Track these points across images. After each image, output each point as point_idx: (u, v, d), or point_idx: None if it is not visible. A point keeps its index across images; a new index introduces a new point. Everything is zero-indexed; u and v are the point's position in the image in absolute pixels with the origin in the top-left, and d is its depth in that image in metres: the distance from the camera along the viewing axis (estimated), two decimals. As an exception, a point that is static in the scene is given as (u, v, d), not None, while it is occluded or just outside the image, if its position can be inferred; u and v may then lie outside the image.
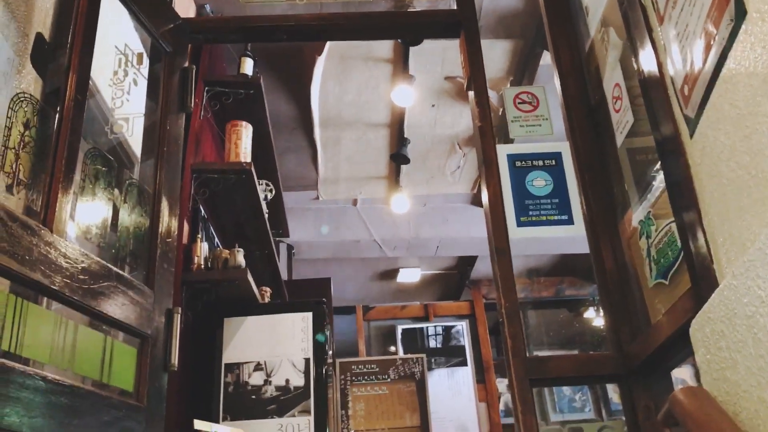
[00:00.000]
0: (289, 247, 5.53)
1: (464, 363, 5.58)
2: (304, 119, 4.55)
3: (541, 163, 1.67)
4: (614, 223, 1.47)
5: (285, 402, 2.69)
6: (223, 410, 2.67)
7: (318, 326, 2.84)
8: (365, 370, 4.65)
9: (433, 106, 4.45)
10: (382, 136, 4.80)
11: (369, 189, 5.46)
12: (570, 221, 1.52)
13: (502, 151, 1.74)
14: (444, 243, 5.71)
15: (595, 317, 8.13)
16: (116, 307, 1.50)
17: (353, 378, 4.63)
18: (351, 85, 4.29)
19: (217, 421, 2.63)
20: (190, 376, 2.66)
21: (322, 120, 4.52)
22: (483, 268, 7.19)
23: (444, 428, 4.89)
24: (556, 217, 1.51)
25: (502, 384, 5.85)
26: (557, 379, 1.38)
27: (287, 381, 2.73)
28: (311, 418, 2.66)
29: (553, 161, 1.68)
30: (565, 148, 1.69)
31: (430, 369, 5.40)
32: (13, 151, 1.48)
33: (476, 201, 5.71)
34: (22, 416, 1.23)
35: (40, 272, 1.30)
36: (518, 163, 1.67)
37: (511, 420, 7.69)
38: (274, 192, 3.60)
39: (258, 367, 2.76)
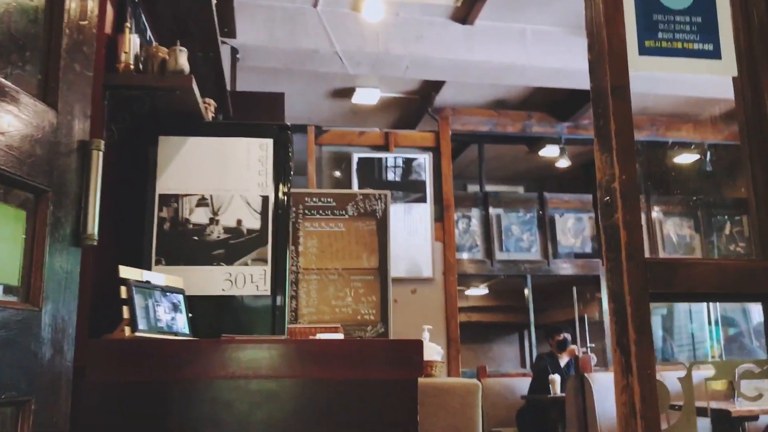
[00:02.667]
0: (233, 51, 4.83)
1: (423, 199, 5.28)
2: None
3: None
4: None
5: (235, 247, 2.27)
6: (157, 252, 2.23)
7: (281, 158, 2.35)
8: (320, 203, 4.26)
9: None
10: None
11: (334, -12, 4.71)
12: (715, 53, 1.04)
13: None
14: (414, 62, 5.12)
15: (558, 158, 7.94)
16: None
17: (306, 211, 4.24)
18: None
19: (148, 267, 2.20)
20: (115, 211, 2.16)
21: None
22: (450, 95, 6.70)
23: (396, 267, 4.67)
24: (696, 46, 1.02)
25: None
26: (693, 295, 1.01)
27: (239, 222, 2.29)
28: (267, 268, 2.26)
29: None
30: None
31: (385, 203, 5.07)
32: None
33: (459, 16, 5.06)
34: None
35: None
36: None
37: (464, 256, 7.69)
38: (224, -24, 2.89)
39: (202, 201, 2.29)
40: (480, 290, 9.66)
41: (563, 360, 5.94)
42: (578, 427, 4.35)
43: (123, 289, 1.96)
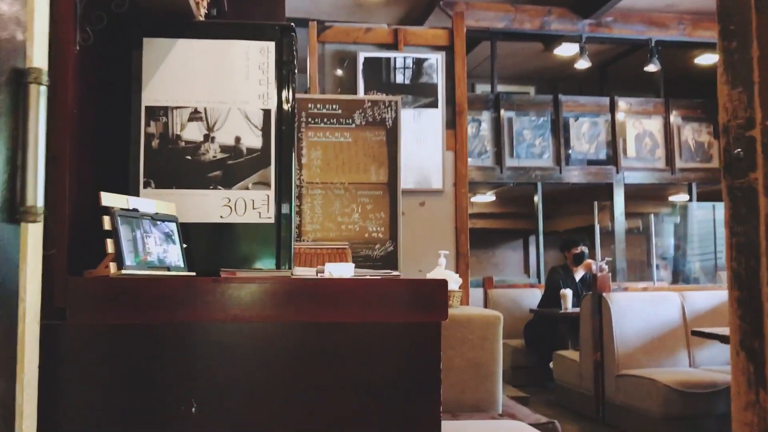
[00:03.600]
0: (226, -65, 4.37)
1: (434, 104, 4.97)
2: None
3: None
4: None
5: (233, 168, 2.03)
6: (145, 174, 2.00)
7: (284, 65, 2.07)
8: (325, 111, 3.96)
9: None
10: None
11: None
12: None
13: None
14: (427, -50, 4.67)
15: (577, 58, 7.51)
16: None
17: (309, 119, 3.96)
18: None
19: (135, 191, 1.97)
20: (95, 127, 1.91)
21: None
22: (464, -13, 6.22)
23: (404, 178, 4.44)
24: None
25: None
26: None
27: (237, 139, 2.04)
28: (271, 192, 2.03)
29: None
30: None
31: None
32: None
33: None
34: None
35: None
36: None
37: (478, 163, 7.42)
38: None
39: (195, 115, 2.03)
40: (486, 197, 9.49)
41: (578, 274, 5.84)
42: (593, 347, 4.27)
43: (106, 219, 1.73)
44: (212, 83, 2.04)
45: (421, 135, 4.87)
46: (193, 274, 1.91)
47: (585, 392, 4.43)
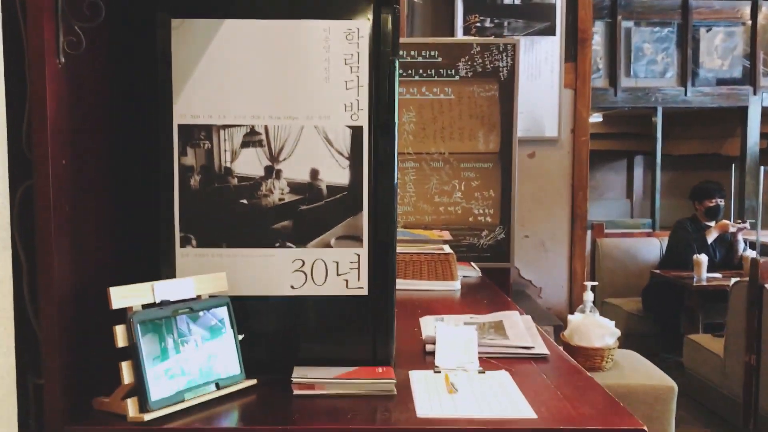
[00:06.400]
0: None
1: (551, 31, 4.15)
2: None
3: None
4: None
5: (309, 216, 1.44)
6: (182, 227, 1.43)
7: (382, 55, 1.42)
8: (420, 59, 3.24)
9: None
10: None
11: None
12: None
13: None
14: None
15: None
16: None
17: (400, 70, 3.25)
18: None
19: (169, 253, 1.41)
20: (99, 164, 1.35)
21: None
22: None
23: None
24: None
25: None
26: None
27: (314, 174, 1.43)
28: (364, 251, 1.44)
29: None
30: None
31: (502, 36, 3.99)
32: None
33: None
34: None
35: None
36: None
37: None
38: None
39: (252, 138, 1.43)
40: (593, 118, 8.57)
41: (711, 236, 5.03)
42: (745, 347, 3.59)
43: (119, 332, 1.19)
44: (275, 88, 1.41)
45: (534, 69, 4.09)
46: (254, 382, 1.37)
47: (729, 395, 3.79)
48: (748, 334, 3.53)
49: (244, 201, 1.43)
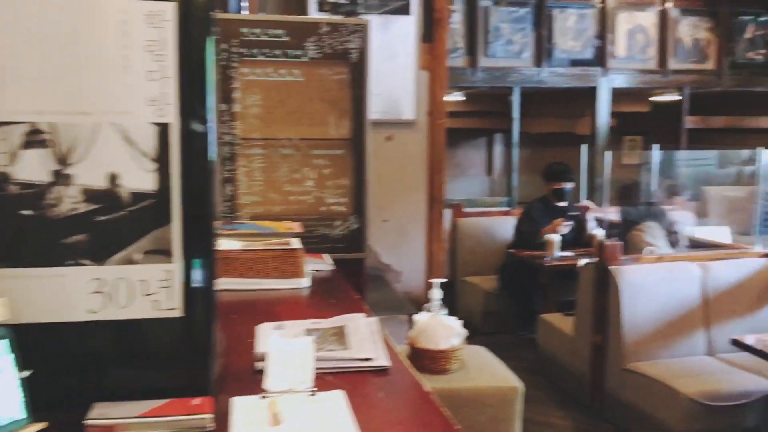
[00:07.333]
0: None
1: (406, 10, 4.06)
2: None
3: None
4: None
5: (109, 228, 1.25)
6: (-51, 244, 1.19)
7: (194, 40, 1.24)
8: (265, 37, 3.03)
9: None
10: None
11: None
12: None
13: None
14: None
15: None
16: None
17: (243, 49, 3.02)
18: None
19: (-73, 287, 1.17)
20: None
21: None
22: None
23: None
24: None
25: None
26: None
27: (113, 179, 1.24)
28: (176, 267, 1.27)
29: None
30: None
31: (355, 14, 3.86)
32: None
33: None
34: None
35: None
36: None
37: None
38: None
39: (35, 137, 1.21)
40: (453, 96, 8.67)
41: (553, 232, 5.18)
42: (592, 327, 3.72)
43: None
44: (63, 79, 1.20)
45: (390, 50, 3.99)
46: (43, 426, 1.17)
47: (578, 374, 3.93)
48: (595, 314, 3.66)
49: (28, 212, 1.21)
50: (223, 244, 2.41)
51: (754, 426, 3.12)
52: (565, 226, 5.08)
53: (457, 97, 8.84)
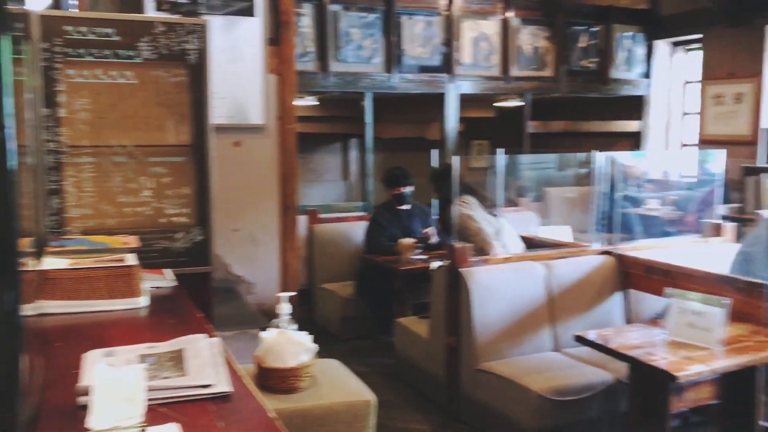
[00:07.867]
0: None
1: (250, 12, 3.93)
2: None
3: None
4: None
5: None
6: None
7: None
8: (91, 36, 2.79)
9: None
10: None
11: None
12: None
13: None
14: None
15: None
16: None
17: (67, 49, 2.76)
18: None
19: None
20: None
21: None
22: None
23: (213, 107, 3.45)
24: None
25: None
26: None
27: None
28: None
29: None
30: None
31: (196, 14, 3.68)
32: None
33: None
34: None
35: None
36: None
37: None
38: None
39: None
40: (307, 101, 8.58)
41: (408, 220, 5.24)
42: (445, 329, 3.76)
43: None
44: None
45: (235, 53, 3.84)
46: None
47: (434, 376, 3.97)
48: (448, 316, 3.71)
49: None
50: (47, 262, 2.18)
51: (597, 417, 3.28)
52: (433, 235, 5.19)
53: (309, 101, 8.76)
